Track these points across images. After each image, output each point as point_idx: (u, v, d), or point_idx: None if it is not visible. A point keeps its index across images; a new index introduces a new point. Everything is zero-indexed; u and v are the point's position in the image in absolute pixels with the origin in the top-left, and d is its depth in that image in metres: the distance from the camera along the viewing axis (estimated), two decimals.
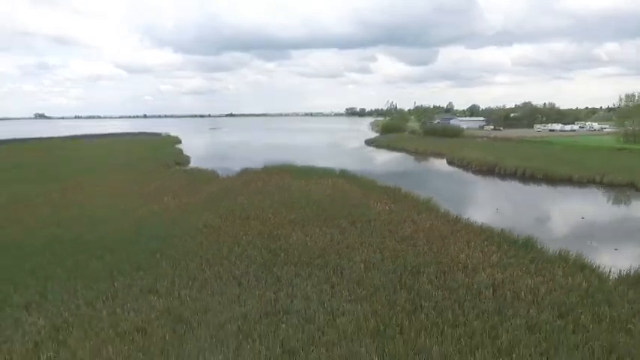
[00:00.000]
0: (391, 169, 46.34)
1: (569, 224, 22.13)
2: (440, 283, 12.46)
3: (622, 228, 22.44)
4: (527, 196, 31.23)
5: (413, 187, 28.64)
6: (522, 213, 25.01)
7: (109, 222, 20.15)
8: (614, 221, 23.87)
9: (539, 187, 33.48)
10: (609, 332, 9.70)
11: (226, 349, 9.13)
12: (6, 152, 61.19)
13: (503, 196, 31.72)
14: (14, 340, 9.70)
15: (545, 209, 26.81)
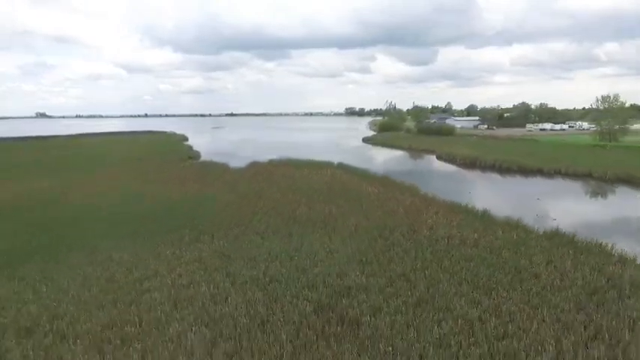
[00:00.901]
0: (384, 163, 50.87)
1: (525, 203, 26.66)
2: (409, 236, 16.95)
3: (566, 206, 27.15)
4: (498, 183, 35.99)
5: (402, 177, 33.12)
6: (490, 195, 29.63)
7: (150, 201, 24.64)
8: (562, 201, 28.68)
9: (511, 177, 38.14)
10: (519, 259, 14.19)
11: (258, 268, 13.60)
12: (29, 148, 65.67)
13: (477, 183, 36.42)
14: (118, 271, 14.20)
15: (509, 192, 31.56)
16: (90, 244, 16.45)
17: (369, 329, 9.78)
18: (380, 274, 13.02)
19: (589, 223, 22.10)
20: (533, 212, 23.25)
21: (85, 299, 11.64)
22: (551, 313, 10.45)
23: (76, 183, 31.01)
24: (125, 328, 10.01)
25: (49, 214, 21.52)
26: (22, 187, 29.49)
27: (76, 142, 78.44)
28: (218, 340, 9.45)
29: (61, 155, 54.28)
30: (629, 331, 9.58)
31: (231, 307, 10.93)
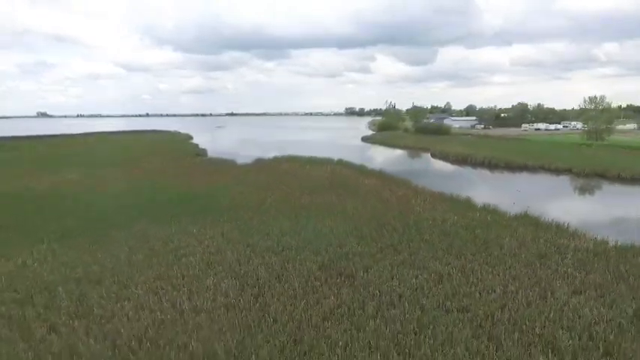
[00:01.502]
0: (381, 160, 53.74)
1: (506, 193, 29.66)
2: (398, 218, 19.82)
3: (541, 195, 30.21)
4: (485, 177, 39.11)
5: (397, 173, 36.06)
6: (476, 187, 32.57)
7: (171, 191, 27.52)
8: (538, 191, 31.87)
9: (499, 172, 41.19)
10: (488, 234, 17.06)
11: (272, 240, 16.45)
12: (45, 145, 68.62)
13: (466, 177, 39.51)
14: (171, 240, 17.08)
15: (493, 185, 34.70)
16: (127, 224, 19.28)
17: (362, 280, 12.65)
18: (372, 245, 15.91)
19: (557, 208, 24.96)
20: (511, 200, 26.07)
21: (134, 262, 14.50)
22: (505, 269, 13.34)
23: (102, 176, 33.90)
24: (172, 280, 12.88)
25: (87, 201, 24.42)
26: (56, 179, 32.43)
27: (87, 140, 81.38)
28: (245, 287, 12.31)
29: (78, 152, 57.30)
30: (561, 280, 12.48)
31: (253, 267, 13.80)
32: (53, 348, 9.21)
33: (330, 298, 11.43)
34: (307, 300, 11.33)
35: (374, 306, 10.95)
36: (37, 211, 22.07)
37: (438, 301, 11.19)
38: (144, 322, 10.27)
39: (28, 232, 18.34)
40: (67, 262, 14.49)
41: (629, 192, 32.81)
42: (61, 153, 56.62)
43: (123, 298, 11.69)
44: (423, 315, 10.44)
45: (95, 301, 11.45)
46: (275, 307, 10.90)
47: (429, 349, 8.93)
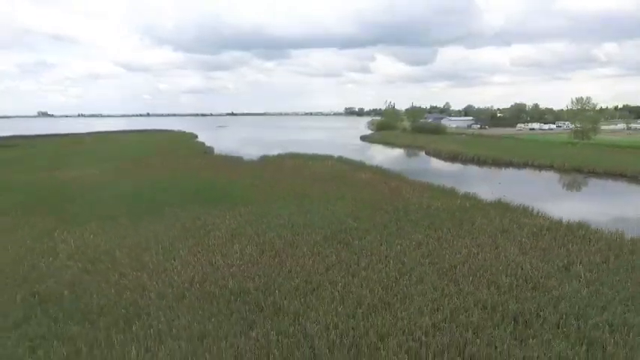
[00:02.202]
0: (378, 157, 57.01)
1: (488, 185, 33.02)
2: (390, 204, 23.09)
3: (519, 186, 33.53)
4: (473, 172, 42.48)
5: (392, 168, 39.34)
6: (463, 180, 35.81)
7: (189, 183, 30.76)
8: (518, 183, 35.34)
9: (487, 168, 44.54)
10: (464, 215, 20.34)
11: (283, 219, 19.70)
12: (57, 144, 71.85)
13: (455, 172, 42.85)
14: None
15: (478, 178, 37.89)
16: (157, 209, 22.51)
17: (357, 246, 15.93)
18: (366, 223, 19.18)
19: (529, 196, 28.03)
20: (492, 191, 29.38)
21: (172, 235, 17.74)
22: (472, 239, 16.63)
23: (120, 171, 37.14)
24: (205, 246, 16.14)
25: (115, 191, 27.64)
26: (79, 173, 35.69)
27: (95, 139, 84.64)
28: (265, 251, 15.56)
29: (89, 149, 60.52)
30: (514, 245, 15.79)
31: (269, 237, 17.05)
32: (127, 285, 12.48)
33: (332, 256, 14.71)
34: (314, 258, 14.60)
35: (365, 262, 14.23)
36: (72, 199, 25.30)
37: (415, 259, 14.46)
38: (190, 272, 13.51)
39: (74, 214, 21.57)
40: (117, 235, 17.74)
41: (596, 183, 36.31)
42: (73, 151, 59.73)
43: (170, 258, 14.95)
44: (402, 267, 13.72)
45: (149, 260, 14.71)
46: (289, 263, 14.16)
47: (405, 287, 12.20)
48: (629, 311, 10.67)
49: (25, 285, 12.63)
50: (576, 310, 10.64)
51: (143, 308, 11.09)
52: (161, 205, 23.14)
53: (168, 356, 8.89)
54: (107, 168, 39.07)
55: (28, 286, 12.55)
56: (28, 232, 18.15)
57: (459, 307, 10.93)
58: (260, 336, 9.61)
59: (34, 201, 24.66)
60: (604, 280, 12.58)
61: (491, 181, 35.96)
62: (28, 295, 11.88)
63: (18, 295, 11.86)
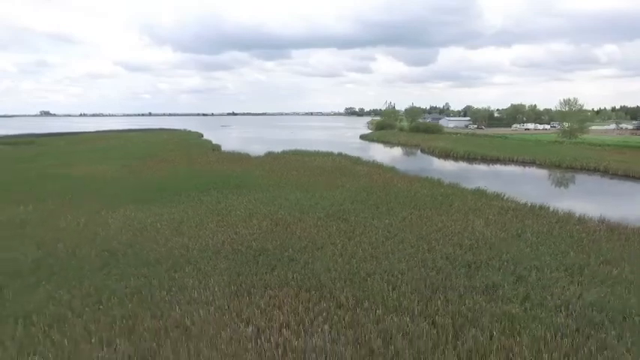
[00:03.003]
0: (376, 153, 60.61)
1: (473, 177, 36.56)
2: (382, 191, 26.69)
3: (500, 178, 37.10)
4: (462, 167, 46.03)
5: (388, 163, 42.96)
6: (451, 173, 39.45)
7: (205, 174, 34.37)
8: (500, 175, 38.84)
9: (476, 164, 48.16)
10: (445, 199, 23.93)
11: (292, 202, 23.27)
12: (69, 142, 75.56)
13: (445, 166, 46.57)
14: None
15: (466, 172, 41.50)
16: (182, 195, 26.09)
17: (353, 220, 19.51)
18: (361, 205, 22.79)
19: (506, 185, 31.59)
20: (475, 181, 33.01)
21: (199, 213, 21.29)
22: (448, 216, 20.22)
23: (141, 165, 40.76)
24: (229, 221, 19.70)
25: (141, 183, 31.23)
26: (102, 168, 39.31)
27: (105, 137, 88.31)
28: (278, 224, 19.09)
29: (101, 147, 64.11)
30: (481, 220, 19.38)
31: (280, 215, 20.62)
32: (173, 245, 16.07)
33: (332, 227, 18.31)
34: (318, 229, 18.19)
35: (359, 231, 17.82)
36: (106, 188, 28.88)
37: (399, 229, 18.06)
38: (220, 237, 17.08)
39: (112, 200, 25.09)
40: (154, 214, 21.31)
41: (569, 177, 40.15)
42: (88, 148, 63.40)
43: (202, 229, 18.53)
44: (388, 234, 17.32)
45: (186, 230, 18.29)
46: (299, 232, 17.73)
47: (389, 246, 15.78)
48: (555, 260, 14.26)
49: (93, 245, 16.22)
50: (515, 260, 14.22)
51: (190, 258, 14.67)
52: (184, 193, 26.68)
53: (216, 284, 12.45)
54: (127, 163, 42.66)
55: (96, 246, 16.15)
56: (79, 212, 21.74)
57: (428, 258, 14.52)
58: (280, 274, 13.18)
59: (72, 189, 28.25)
60: (543, 243, 16.19)
61: (476, 173, 39.61)
62: (100, 251, 15.48)
63: (92, 251, 15.45)
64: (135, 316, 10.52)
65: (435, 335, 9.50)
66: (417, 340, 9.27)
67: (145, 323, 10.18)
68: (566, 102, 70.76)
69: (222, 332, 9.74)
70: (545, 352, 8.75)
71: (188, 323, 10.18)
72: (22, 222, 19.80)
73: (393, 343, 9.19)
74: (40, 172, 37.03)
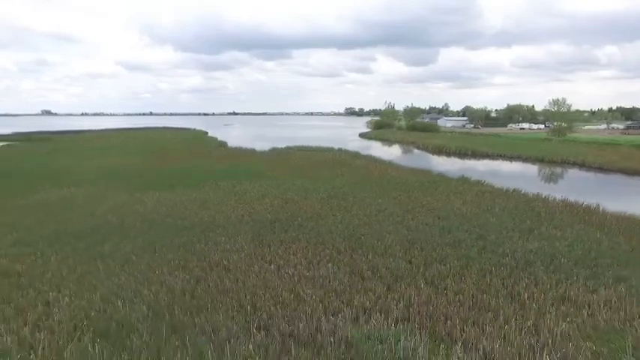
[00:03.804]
0: (373, 149, 64.14)
1: (461, 169, 40.06)
2: (377, 179, 30.12)
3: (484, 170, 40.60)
4: (452, 160, 49.54)
5: (385, 157, 46.42)
6: (441, 166, 42.94)
7: (218, 166, 37.81)
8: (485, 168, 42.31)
9: (467, 159, 51.61)
10: (432, 185, 27.36)
11: (299, 187, 26.70)
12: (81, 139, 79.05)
13: (437, 160, 50.09)
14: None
15: (456, 165, 45.03)
16: (200, 182, 29.48)
17: (351, 200, 22.93)
18: (358, 188, 26.22)
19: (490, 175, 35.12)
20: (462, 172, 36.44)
21: (219, 195, 24.68)
22: (433, 197, 23.64)
23: (158, 159, 44.25)
24: (245, 200, 23.10)
25: (162, 173, 34.67)
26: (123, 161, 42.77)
27: (116, 135, 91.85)
28: (287, 202, 22.50)
29: (113, 144, 67.63)
30: (459, 200, 22.80)
31: (289, 196, 24.01)
32: (202, 217, 19.47)
33: (334, 204, 21.76)
34: (321, 205, 21.61)
35: (356, 207, 21.23)
36: (134, 177, 32.29)
37: (390, 205, 21.48)
38: (240, 212, 20.46)
39: (142, 185, 28.49)
40: (180, 195, 24.74)
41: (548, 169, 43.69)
42: (101, 144, 66.94)
43: (223, 205, 21.92)
44: (380, 209, 20.74)
45: (210, 206, 21.69)
46: (305, 207, 21.13)
47: (380, 217, 19.19)
48: (513, 226, 17.68)
49: (137, 216, 19.63)
50: (481, 226, 17.63)
51: (218, 225, 18.07)
52: (202, 180, 30.09)
53: (243, 240, 15.83)
54: (143, 156, 46.13)
55: (139, 217, 19.56)
56: (115, 194, 25.18)
57: (411, 224, 17.93)
58: (292, 234, 16.58)
59: (106, 177, 31.68)
60: (508, 215, 19.62)
61: (464, 166, 43.14)
62: (143, 220, 18.89)
63: (137, 221, 18.86)
64: (185, 259, 13.90)
65: (409, 268, 12.90)
66: (396, 271, 12.66)
67: (193, 263, 13.57)
68: (555, 102, 74.35)
69: (251, 268, 13.12)
70: (488, 276, 12.15)
71: (225, 263, 13.56)
72: (70, 201, 23.26)
73: (378, 272, 12.59)
74: (66, 164, 40.48)
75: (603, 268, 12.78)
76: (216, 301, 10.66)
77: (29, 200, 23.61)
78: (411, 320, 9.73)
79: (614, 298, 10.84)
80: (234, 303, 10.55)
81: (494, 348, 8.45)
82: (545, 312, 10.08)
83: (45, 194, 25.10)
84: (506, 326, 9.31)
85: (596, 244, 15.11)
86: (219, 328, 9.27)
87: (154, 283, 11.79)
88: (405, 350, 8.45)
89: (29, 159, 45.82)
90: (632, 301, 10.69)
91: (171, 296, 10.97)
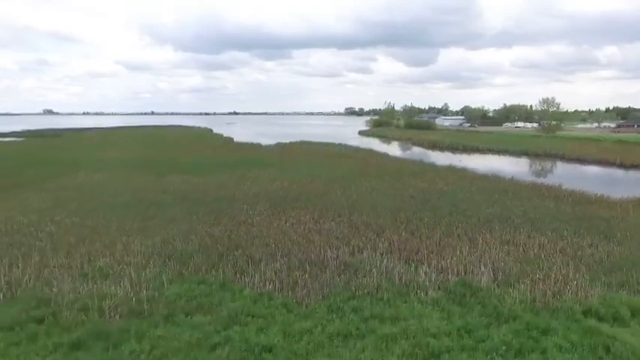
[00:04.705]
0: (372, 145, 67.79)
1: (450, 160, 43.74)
2: (374, 168, 33.78)
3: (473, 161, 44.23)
4: (444, 154, 53.17)
5: (382, 151, 50.14)
6: (433, 158, 46.64)
7: (229, 158, 41.46)
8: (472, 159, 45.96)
9: (458, 153, 55.36)
10: (422, 171, 31.04)
11: (304, 172, 30.35)
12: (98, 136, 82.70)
13: (430, 154, 53.72)
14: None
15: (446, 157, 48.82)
16: (214, 170, 33.16)
17: (351, 182, 26.58)
18: (357, 175, 29.88)
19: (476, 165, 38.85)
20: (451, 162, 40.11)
21: (233, 180, 28.26)
22: (421, 180, 27.30)
23: (172, 152, 47.92)
24: (258, 182, 26.73)
25: (178, 163, 38.33)
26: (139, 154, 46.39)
27: (124, 132, 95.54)
28: (294, 184, 26.15)
29: (129, 139, 71.32)
30: (443, 182, 26.48)
31: (297, 179, 27.64)
32: (222, 194, 23.09)
33: (335, 185, 25.40)
34: (324, 186, 25.26)
35: (354, 187, 24.86)
36: (155, 165, 35.93)
37: (383, 186, 25.14)
38: (255, 190, 24.06)
39: (163, 171, 32.11)
40: (199, 178, 28.41)
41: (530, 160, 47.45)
42: (114, 140, 70.56)
43: (239, 186, 25.53)
44: (375, 188, 24.40)
45: (228, 186, 25.31)
46: (310, 188, 24.76)
47: (374, 194, 22.84)
48: (483, 200, 21.34)
49: (168, 193, 23.26)
50: (457, 200, 21.27)
51: (238, 199, 21.66)
52: (215, 168, 33.71)
53: (262, 208, 19.42)
54: (158, 150, 49.78)
55: (170, 193, 23.20)
56: (143, 177, 28.83)
57: (399, 198, 21.58)
58: (302, 204, 20.20)
59: (128, 166, 35.35)
60: (482, 192, 23.28)
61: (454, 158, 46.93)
62: (174, 196, 22.52)
63: (169, 196, 22.50)
64: (218, 219, 17.50)
65: (394, 224, 16.54)
66: (383, 225, 16.30)
67: (225, 221, 17.17)
68: (545, 101, 78.15)
69: (271, 224, 16.75)
70: (454, 229, 15.78)
71: (250, 221, 17.19)
72: (105, 182, 26.92)
73: (370, 226, 16.25)
74: (87, 155, 44.12)
75: (544, 224, 16.47)
76: (248, 242, 14.32)
77: (73, 181, 27.27)
78: (393, 253, 13.40)
79: (546, 240, 14.49)
80: (261, 243, 14.21)
81: (448, 264, 12.13)
82: (491, 249, 13.72)
83: (82, 177, 28.73)
84: (460, 254, 12.97)
85: (546, 209, 18.81)
86: (253, 255, 12.94)
87: (199, 232, 15.45)
88: (386, 268, 12.11)
89: (52, 151, 49.44)
90: (559, 242, 14.37)
91: (213, 239, 14.61)
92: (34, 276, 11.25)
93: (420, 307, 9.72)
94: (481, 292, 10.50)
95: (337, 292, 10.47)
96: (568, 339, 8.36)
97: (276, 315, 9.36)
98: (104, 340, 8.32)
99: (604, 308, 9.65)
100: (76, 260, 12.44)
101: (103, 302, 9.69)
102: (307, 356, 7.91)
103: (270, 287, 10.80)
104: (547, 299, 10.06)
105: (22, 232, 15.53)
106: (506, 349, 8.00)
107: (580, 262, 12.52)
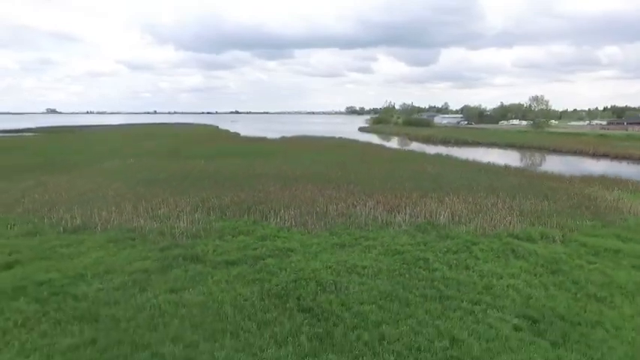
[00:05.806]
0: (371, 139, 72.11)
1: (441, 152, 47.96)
2: (370, 156, 38.02)
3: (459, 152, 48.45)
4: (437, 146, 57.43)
5: (380, 145, 54.39)
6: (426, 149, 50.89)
7: (238, 149, 45.75)
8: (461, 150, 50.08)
9: (450, 146, 59.60)
10: (412, 159, 35.28)
11: (306, 159, 34.59)
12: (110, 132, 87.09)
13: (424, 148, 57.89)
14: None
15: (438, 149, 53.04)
16: (227, 158, 37.46)
17: (349, 166, 30.82)
18: (356, 162, 34.15)
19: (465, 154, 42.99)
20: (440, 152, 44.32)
21: (246, 164, 32.54)
22: (412, 165, 31.54)
23: (187, 145, 52.26)
24: (270, 164, 30.99)
25: (194, 151, 42.62)
26: (157, 145, 50.73)
27: (134, 128, 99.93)
28: (299, 167, 30.40)
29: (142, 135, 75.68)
30: (431, 166, 30.71)
31: (302, 165, 31.87)
32: (242, 173, 27.34)
33: (336, 168, 29.65)
34: (327, 169, 29.49)
35: (353, 170, 29.09)
36: (177, 153, 40.24)
37: (378, 170, 29.36)
38: (265, 171, 28.34)
39: (187, 157, 36.39)
40: (220, 162, 32.66)
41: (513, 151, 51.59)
42: (129, 135, 75.00)
43: (251, 169, 29.79)
44: (371, 171, 28.62)
45: (245, 168, 29.59)
46: (314, 170, 28.99)
47: (370, 175, 27.08)
48: (465, 179, 25.55)
49: (194, 171, 27.52)
50: (440, 178, 25.49)
51: (253, 176, 25.91)
52: (228, 157, 37.98)
53: (273, 183, 23.65)
54: (174, 142, 54.08)
55: (196, 172, 27.45)
56: (173, 161, 33.11)
57: (390, 176, 25.81)
58: (307, 180, 24.43)
59: (151, 154, 39.66)
60: (460, 173, 27.51)
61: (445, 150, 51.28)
62: (201, 175, 26.79)
63: (197, 173, 26.77)
64: (240, 188, 21.73)
65: (383, 191, 20.76)
66: (373, 191, 20.53)
67: (246, 190, 21.41)
68: (534, 99, 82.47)
69: (283, 193, 20.95)
70: (429, 193, 20.00)
71: (266, 190, 21.44)
72: (137, 165, 31.19)
73: (363, 192, 20.47)
74: (110, 146, 48.46)
75: (502, 191, 20.67)
76: (268, 201, 18.60)
77: (113, 165, 31.56)
78: (378, 206, 17.65)
79: (499, 201, 18.69)
80: (278, 201, 18.48)
81: (419, 212, 16.40)
82: (455, 205, 17.94)
83: (119, 162, 33.05)
84: (430, 207, 17.22)
85: (508, 182, 23.07)
86: (273, 207, 17.22)
87: (228, 195, 19.73)
88: (373, 214, 16.36)
89: (76, 144, 53.81)
90: (508, 201, 18.60)
91: (240, 199, 18.87)
92: (117, 217, 15.53)
93: (394, 233, 14.00)
94: (440, 226, 14.74)
95: (336, 226, 14.73)
96: (490, 247, 12.61)
97: (294, 235, 13.65)
98: (181, 248, 12.56)
99: (523, 234, 13.91)
100: (141, 210, 16.71)
101: (173, 230, 13.97)
102: (317, 254, 12.14)
103: (288, 224, 15.06)
104: (485, 230, 14.30)
105: (90, 194, 19.86)
106: (446, 251, 12.25)
107: (518, 213, 16.76)
